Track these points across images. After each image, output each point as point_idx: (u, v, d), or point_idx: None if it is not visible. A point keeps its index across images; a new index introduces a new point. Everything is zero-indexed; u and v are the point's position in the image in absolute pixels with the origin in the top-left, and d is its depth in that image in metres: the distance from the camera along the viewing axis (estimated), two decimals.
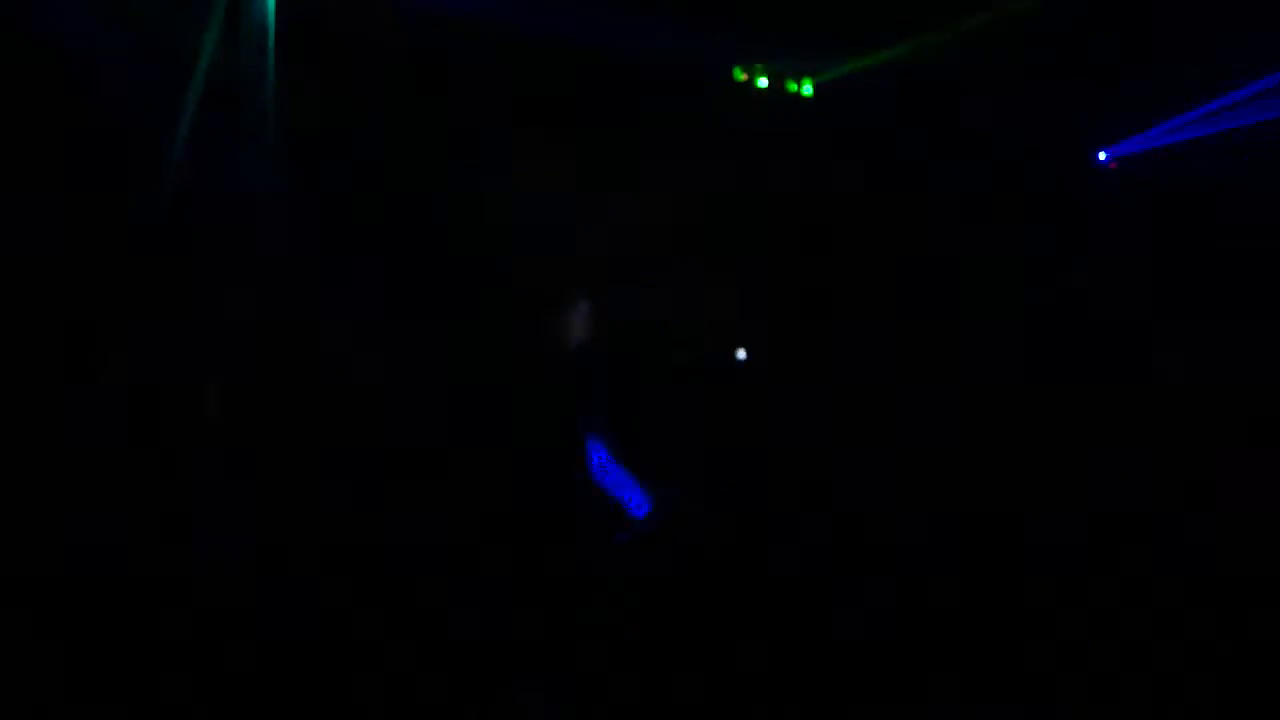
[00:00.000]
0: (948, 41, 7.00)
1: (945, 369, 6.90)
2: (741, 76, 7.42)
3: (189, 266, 5.88)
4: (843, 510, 6.22)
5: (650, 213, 7.13)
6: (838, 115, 7.37)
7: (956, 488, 6.29)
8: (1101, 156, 7.39)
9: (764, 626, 5.15)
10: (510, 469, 6.19)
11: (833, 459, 6.44)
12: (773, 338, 7.34)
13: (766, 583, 5.46)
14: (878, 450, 6.46)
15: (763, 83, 7.41)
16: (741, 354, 7.53)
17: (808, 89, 7.41)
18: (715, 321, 7.37)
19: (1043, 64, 7.08)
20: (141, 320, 5.61)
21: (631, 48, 6.98)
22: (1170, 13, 6.72)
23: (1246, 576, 5.44)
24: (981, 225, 7.23)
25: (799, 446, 6.47)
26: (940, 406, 6.67)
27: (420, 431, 6.36)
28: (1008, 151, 7.21)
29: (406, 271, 6.58)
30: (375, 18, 6.37)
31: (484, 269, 6.81)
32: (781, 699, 4.83)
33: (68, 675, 4.49)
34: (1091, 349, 6.94)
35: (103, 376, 5.31)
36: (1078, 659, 5.07)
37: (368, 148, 6.41)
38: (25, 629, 4.62)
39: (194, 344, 5.77)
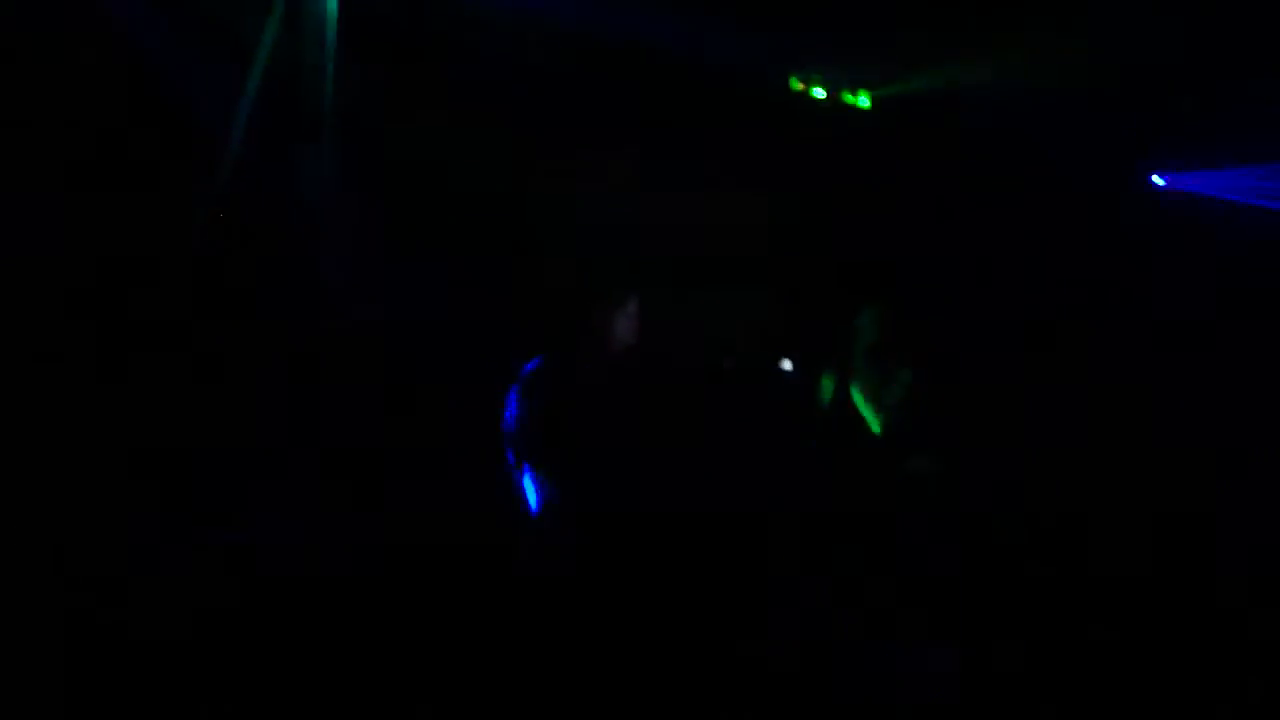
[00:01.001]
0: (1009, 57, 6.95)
1: (987, 388, 6.86)
2: (798, 86, 7.39)
3: (244, 262, 5.94)
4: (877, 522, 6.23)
5: (700, 219, 7.14)
6: (894, 128, 7.35)
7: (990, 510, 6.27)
8: (1158, 180, 7.33)
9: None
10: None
11: (867, 470, 6.42)
12: (818, 347, 7.33)
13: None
14: (913, 465, 6.43)
15: (819, 93, 7.39)
16: (787, 364, 7.53)
17: (864, 101, 7.39)
18: (762, 329, 7.37)
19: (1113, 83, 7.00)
20: (197, 318, 5.67)
21: (689, 51, 6.99)
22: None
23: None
24: (1035, 245, 7.19)
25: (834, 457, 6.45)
26: (975, 424, 6.63)
27: (470, 429, 6.40)
28: (1066, 170, 7.15)
29: (461, 270, 6.62)
30: (435, 15, 6.41)
31: (538, 270, 6.83)
32: None
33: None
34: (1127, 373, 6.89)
35: (150, 374, 5.38)
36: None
37: (424, 145, 6.43)
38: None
39: (249, 341, 5.84)
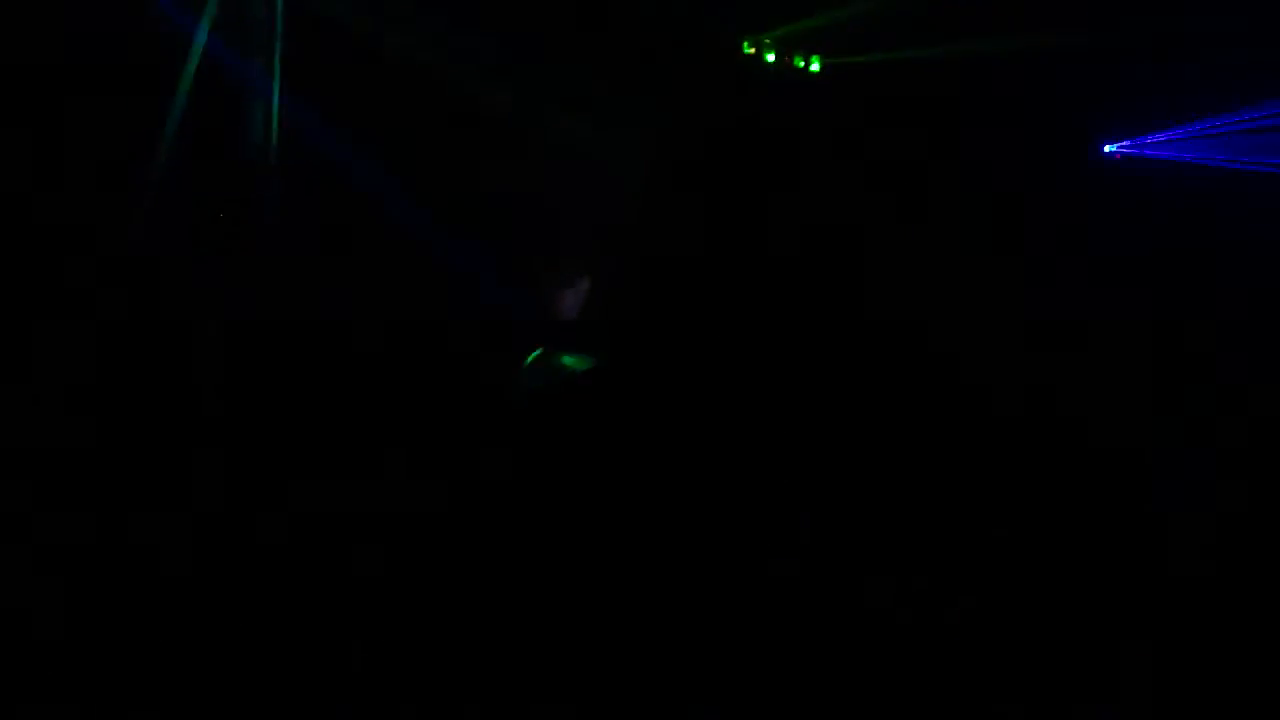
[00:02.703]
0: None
1: (941, 363, 6.85)
2: (749, 50, 7.32)
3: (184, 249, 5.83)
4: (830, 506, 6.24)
5: (649, 188, 7.07)
6: (844, 95, 7.30)
7: (943, 491, 6.30)
8: (1108, 149, 7.34)
9: None
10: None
11: (823, 449, 6.41)
12: (769, 322, 7.28)
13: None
14: (868, 444, 6.43)
15: (770, 57, 7.32)
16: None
17: (815, 66, 7.33)
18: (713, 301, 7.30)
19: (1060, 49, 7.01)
20: (132, 307, 5.55)
21: (637, 16, 6.91)
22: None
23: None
24: (985, 215, 7.18)
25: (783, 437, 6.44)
26: (931, 400, 6.63)
27: (416, 411, 6.32)
28: (1016, 141, 7.13)
29: (408, 251, 6.50)
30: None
31: (484, 247, 6.73)
32: None
33: None
34: (1089, 349, 6.91)
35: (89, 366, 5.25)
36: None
37: (368, 126, 6.31)
38: None
39: (191, 330, 5.72)
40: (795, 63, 7.34)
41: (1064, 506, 5.95)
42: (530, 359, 5.70)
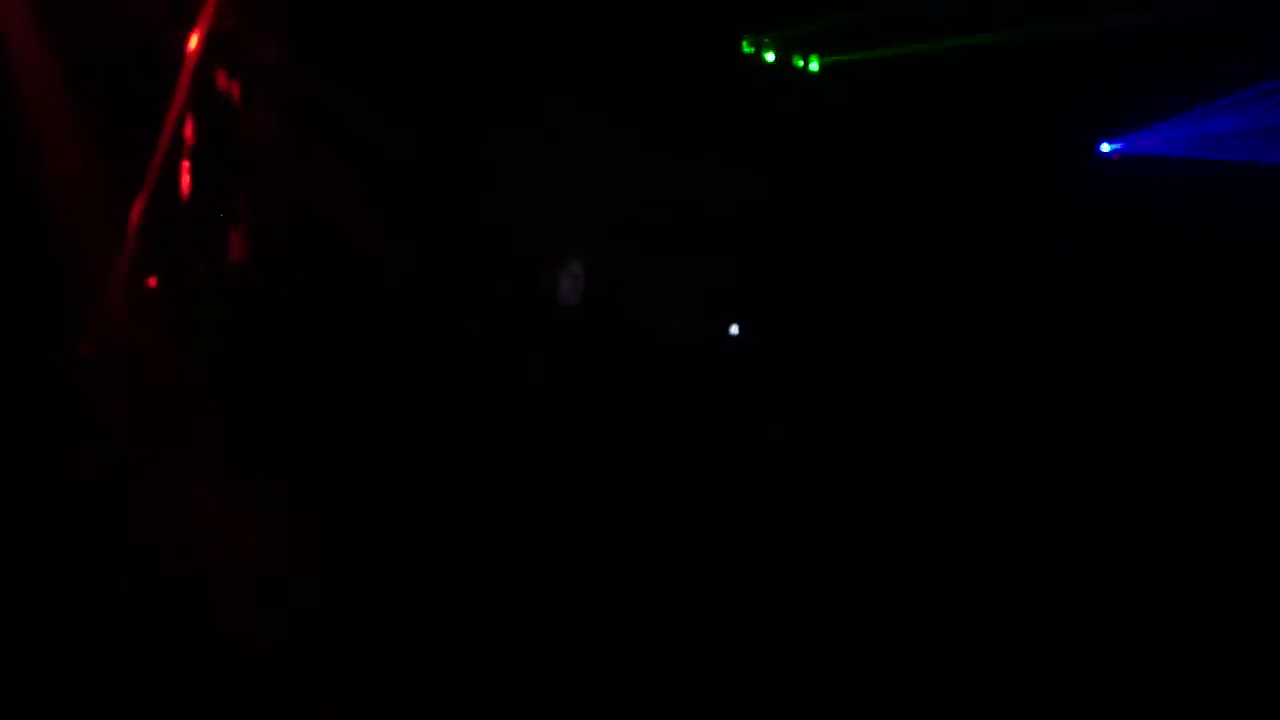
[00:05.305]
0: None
1: (937, 358, 6.85)
2: (749, 49, 7.39)
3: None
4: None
5: (652, 183, 7.11)
6: (843, 92, 7.35)
7: (943, 481, 6.28)
8: (1105, 148, 7.37)
9: None
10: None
11: (815, 444, 6.42)
12: (768, 315, 7.31)
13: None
14: (859, 438, 6.43)
15: (770, 56, 7.39)
16: (735, 329, 7.51)
17: (814, 65, 7.40)
18: (711, 295, 7.34)
19: (1052, 48, 7.07)
20: None
21: (638, 13, 6.97)
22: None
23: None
24: (982, 211, 7.20)
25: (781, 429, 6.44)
26: (927, 395, 6.63)
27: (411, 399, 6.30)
28: (1012, 136, 7.17)
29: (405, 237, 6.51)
30: None
31: (481, 236, 6.74)
32: None
33: None
34: (1085, 345, 6.89)
35: None
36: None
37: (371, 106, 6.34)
38: None
39: None
40: (794, 62, 7.41)
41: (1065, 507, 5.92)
42: None
